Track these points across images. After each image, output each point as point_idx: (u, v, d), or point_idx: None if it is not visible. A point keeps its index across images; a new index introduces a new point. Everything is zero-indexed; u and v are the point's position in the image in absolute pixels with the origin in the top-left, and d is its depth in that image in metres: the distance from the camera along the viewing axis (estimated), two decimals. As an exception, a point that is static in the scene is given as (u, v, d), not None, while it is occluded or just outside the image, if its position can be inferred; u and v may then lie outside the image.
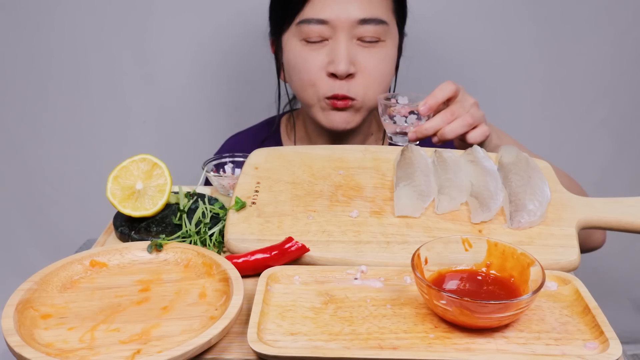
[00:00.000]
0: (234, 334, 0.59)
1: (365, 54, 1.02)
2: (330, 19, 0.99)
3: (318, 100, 1.05)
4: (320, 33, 1.01)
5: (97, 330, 0.59)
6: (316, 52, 1.02)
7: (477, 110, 0.91)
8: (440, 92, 0.91)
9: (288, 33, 1.05)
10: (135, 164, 0.80)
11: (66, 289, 0.66)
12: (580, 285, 0.64)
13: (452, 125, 0.89)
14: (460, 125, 0.89)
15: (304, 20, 1.01)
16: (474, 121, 0.89)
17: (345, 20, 0.99)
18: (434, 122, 0.89)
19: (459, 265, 0.64)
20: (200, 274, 0.68)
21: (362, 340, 0.57)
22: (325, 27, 1.00)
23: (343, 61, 1.00)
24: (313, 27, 1.01)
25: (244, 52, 1.41)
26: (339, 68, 1.00)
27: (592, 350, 0.55)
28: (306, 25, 1.01)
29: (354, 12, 0.99)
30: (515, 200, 0.75)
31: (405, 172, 0.80)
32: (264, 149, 0.90)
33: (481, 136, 0.90)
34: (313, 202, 0.79)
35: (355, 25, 1.00)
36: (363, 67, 1.02)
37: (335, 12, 0.99)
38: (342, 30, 1.00)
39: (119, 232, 0.79)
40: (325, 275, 0.67)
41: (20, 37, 1.40)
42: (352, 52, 1.01)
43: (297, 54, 1.04)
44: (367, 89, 1.04)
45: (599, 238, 1.06)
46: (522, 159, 0.82)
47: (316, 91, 1.04)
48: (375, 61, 1.03)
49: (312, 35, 1.01)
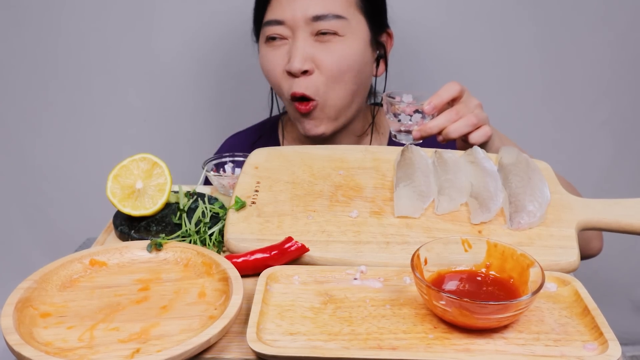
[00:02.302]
0: (233, 334, 0.59)
1: (322, 49, 1.03)
2: (286, 19, 1.02)
3: (289, 104, 1.07)
4: (279, 33, 1.03)
5: (96, 329, 0.59)
6: (276, 52, 1.05)
7: (481, 111, 0.92)
8: (445, 91, 0.91)
9: (260, 38, 1.09)
10: (135, 163, 0.81)
11: (66, 287, 0.66)
12: (580, 286, 0.64)
13: (456, 125, 0.89)
14: (465, 124, 0.89)
15: (265, 22, 1.05)
16: (478, 121, 0.89)
17: (300, 18, 1.01)
18: (438, 121, 0.89)
19: (458, 266, 0.64)
20: (199, 274, 0.68)
21: (361, 341, 0.57)
22: (283, 27, 1.03)
23: (297, 58, 1.01)
24: (272, 27, 1.04)
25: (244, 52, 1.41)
26: (292, 65, 1.01)
27: (591, 352, 0.55)
28: (268, 26, 1.05)
29: (308, 10, 1.01)
30: (515, 201, 0.75)
31: (405, 173, 0.80)
32: (264, 149, 0.90)
33: (484, 137, 0.90)
34: (313, 202, 0.79)
35: (310, 23, 1.01)
36: (320, 63, 1.03)
37: (289, 11, 1.02)
38: (298, 28, 1.02)
39: (118, 231, 0.79)
40: (325, 275, 0.67)
41: (20, 36, 1.40)
42: (309, 49, 1.02)
43: (263, 56, 1.08)
44: (326, 86, 1.03)
45: (596, 246, 1.06)
46: (522, 160, 0.82)
47: (282, 94, 1.07)
48: (334, 57, 1.02)
49: (273, 35, 1.04)
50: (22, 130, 1.48)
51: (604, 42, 1.42)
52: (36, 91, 1.44)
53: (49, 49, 1.41)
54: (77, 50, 1.41)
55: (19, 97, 1.45)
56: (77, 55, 1.42)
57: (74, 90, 1.44)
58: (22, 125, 1.47)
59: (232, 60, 1.44)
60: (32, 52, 1.41)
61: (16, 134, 1.48)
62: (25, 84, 1.44)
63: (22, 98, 1.45)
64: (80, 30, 1.40)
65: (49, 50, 1.41)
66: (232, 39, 1.42)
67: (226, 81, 1.47)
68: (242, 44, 1.37)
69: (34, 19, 1.38)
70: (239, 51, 1.42)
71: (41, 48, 1.41)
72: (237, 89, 1.47)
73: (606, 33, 1.42)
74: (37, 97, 1.45)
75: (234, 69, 1.45)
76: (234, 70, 1.45)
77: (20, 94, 1.45)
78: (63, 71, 1.43)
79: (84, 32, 1.40)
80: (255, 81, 1.41)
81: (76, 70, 1.43)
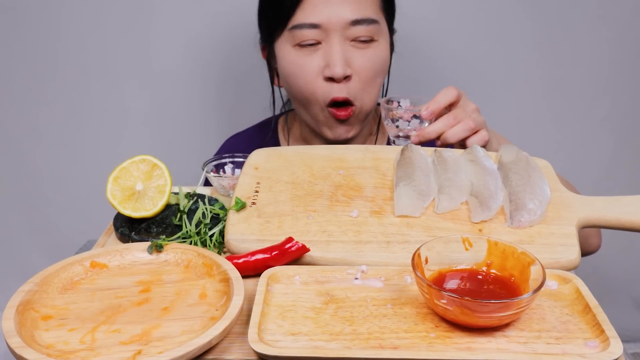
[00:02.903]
0: (235, 335, 0.59)
1: (359, 55, 1.02)
2: (322, 22, 0.99)
3: (321, 110, 1.04)
4: (313, 37, 1.00)
5: (97, 331, 0.59)
6: (310, 57, 1.02)
7: (478, 115, 0.92)
8: (442, 97, 0.91)
9: (281, 40, 1.04)
10: (135, 164, 0.81)
11: (67, 290, 0.66)
12: (581, 284, 0.64)
13: (455, 130, 0.89)
14: (463, 129, 0.89)
15: (296, 25, 1.00)
16: (475, 126, 0.90)
17: (337, 22, 0.99)
18: (436, 126, 0.90)
19: (459, 265, 0.64)
20: (200, 275, 0.68)
21: (362, 340, 0.57)
22: (318, 31, 1.00)
23: (339, 64, 0.99)
24: (305, 31, 1.00)
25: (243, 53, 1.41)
26: (335, 70, 0.99)
27: (592, 349, 0.55)
28: (298, 30, 1.00)
29: (346, 14, 0.99)
30: (515, 199, 0.75)
31: (405, 172, 0.80)
32: (263, 149, 0.90)
33: (481, 141, 0.90)
34: (313, 202, 0.79)
35: (348, 27, 1.00)
36: (358, 68, 1.02)
37: (326, 14, 0.99)
38: (334, 32, 0.99)
39: (119, 233, 0.79)
40: (326, 275, 0.67)
41: (19, 38, 1.40)
42: (347, 54, 1.01)
43: (291, 61, 1.03)
44: (363, 91, 1.03)
45: (595, 242, 1.06)
46: (522, 158, 0.82)
47: (316, 99, 1.04)
48: (370, 62, 1.02)
49: (305, 39, 1.01)
50: (21, 133, 1.48)
51: (603, 39, 1.42)
52: (36, 93, 1.44)
53: (49, 51, 1.41)
54: (76, 52, 1.41)
55: (19, 100, 1.45)
56: (77, 57, 1.42)
57: (73, 93, 1.44)
58: (22, 128, 1.47)
59: (231, 61, 1.44)
60: (31, 54, 1.41)
61: (16, 137, 1.48)
62: (24, 86, 1.44)
63: (21, 100, 1.45)
64: (80, 32, 1.40)
65: (49, 52, 1.41)
66: (231, 40, 1.42)
67: (225, 82, 1.47)
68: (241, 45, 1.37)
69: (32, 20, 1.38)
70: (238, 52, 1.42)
71: (40, 51, 1.41)
72: (236, 90, 1.47)
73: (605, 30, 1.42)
74: (36, 100, 1.45)
75: (233, 70, 1.45)
76: (233, 71, 1.45)
77: (20, 97, 1.45)
78: (63, 73, 1.43)
79: (83, 33, 1.40)
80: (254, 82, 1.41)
81: (76, 72, 1.43)
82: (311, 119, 1.08)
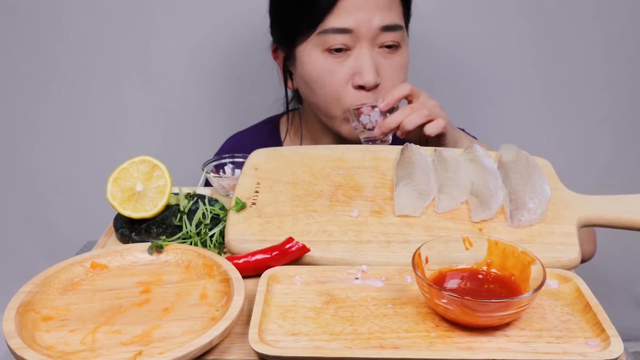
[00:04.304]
0: (235, 335, 0.59)
1: (387, 62, 1.03)
2: (354, 28, 0.99)
3: (342, 112, 1.04)
4: (343, 42, 1.00)
5: (98, 332, 0.59)
6: (340, 64, 1.01)
7: (438, 109, 0.96)
8: (397, 90, 0.97)
9: (307, 44, 1.03)
10: (135, 165, 0.80)
11: (67, 291, 0.66)
12: (581, 283, 0.64)
13: (411, 117, 0.93)
14: (418, 116, 0.93)
15: (327, 29, 1.00)
16: (430, 113, 0.93)
17: (368, 28, 0.99)
18: (395, 117, 0.95)
19: (459, 264, 0.64)
20: (201, 275, 0.68)
21: (363, 340, 0.57)
22: (348, 36, 1.00)
23: (371, 73, 1.00)
24: (336, 36, 0.99)
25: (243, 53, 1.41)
26: (367, 79, 1.00)
27: (593, 348, 0.55)
28: (330, 35, 1.00)
29: (376, 20, 0.99)
30: (515, 198, 0.75)
31: (405, 172, 0.80)
32: (263, 150, 0.90)
33: (437, 128, 0.93)
34: (313, 202, 0.79)
35: (378, 33, 1.00)
36: (387, 75, 1.03)
37: (358, 20, 0.99)
38: (365, 38, 1.00)
39: (119, 233, 0.79)
40: (326, 275, 0.67)
41: (19, 39, 1.40)
42: (376, 61, 1.01)
43: (320, 66, 1.02)
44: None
45: (588, 249, 1.06)
46: (522, 157, 0.82)
47: (340, 104, 1.04)
48: (397, 69, 1.04)
49: (335, 44, 1.00)
50: (22, 134, 1.48)
51: (603, 38, 1.42)
52: (36, 95, 1.44)
53: (49, 52, 1.41)
54: (76, 52, 1.41)
55: (18, 101, 1.45)
56: (76, 57, 1.42)
57: (73, 93, 1.44)
58: (22, 129, 1.47)
59: (231, 62, 1.44)
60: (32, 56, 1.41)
61: (16, 138, 1.48)
62: (24, 87, 1.44)
63: (21, 101, 1.45)
64: (80, 32, 1.40)
65: (48, 52, 1.41)
66: (231, 40, 1.42)
67: (225, 82, 1.47)
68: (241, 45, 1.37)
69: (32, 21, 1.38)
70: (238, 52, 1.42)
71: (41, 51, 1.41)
72: (236, 90, 1.47)
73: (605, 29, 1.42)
74: (36, 101, 1.45)
75: (233, 69, 1.45)
76: (233, 71, 1.45)
77: (19, 98, 1.45)
78: (62, 73, 1.43)
79: (83, 34, 1.40)
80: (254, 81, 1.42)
81: (75, 73, 1.43)
82: (327, 118, 1.08)
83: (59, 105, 1.45)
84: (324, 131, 1.14)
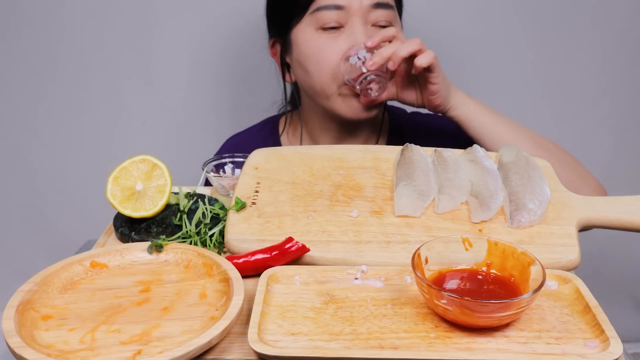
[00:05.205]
0: (235, 335, 0.59)
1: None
2: (346, 4, 1.01)
3: (338, 87, 1.05)
4: (336, 19, 1.02)
5: (97, 331, 0.59)
6: (334, 40, 1.03)
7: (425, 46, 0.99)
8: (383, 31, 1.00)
9: (301, 25, 1.05)
10: (135, 164, 0.81)
11: (67, 290, 0.66)
12: (581, 284, 0.64)
13: (403, 45, 0.96)
14: (410, 45, 0.96)
15: (320, 7, 1.02)
16: (421, 45, 0.96)
17: (360, 4, 1.01)
18: (388, 48, 0.97)
19: (459, 265, 0.64)
20: (200, 275, 0.68)
21: (362, 340, 0.57)
22: (341, 13, 1.02)
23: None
24: (329, 13, 1.02)
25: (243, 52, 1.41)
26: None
27: (592, 349, 0.55)
28: (323, 12, 1.02)
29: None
30: (515, 199, 0.75)
31: (405, 172, 0.80)
32: (263, 149, 0.90)
33: (428, 58, 0.95)
34: (313, 202, 0.79)
35: (369, 10, 1.02)
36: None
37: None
38: (357, 15, 1.02)
39: (119, 233, 0.79)
40: (326, 275, 0.67)
41: (20, 38, 1.40)
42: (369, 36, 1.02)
43: (314, 44, 1.04)
44: None
45: None
46: (522, 158, 0.82)
47: (335, 80, 1.04)
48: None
49: (328, 22, 1.02)
50: (21, 133, 1.48)
51: (603, 38, 1.42)
52: (36, 94, 1.44)
53: (49, 52, 1.41)
54: (76, 52, 1.41)
55: (18, 100, 1.45)
56: (77, 57, 1.42)
57: (73, 92, 1.44)
58: (22, 128, 1.47)
59: (231, 61, 1.44)
60: (32, 55, 1.41)
61: (15, 137, 1.48)
62: (25, 86, 1.44)
63: (22, 101, 1.45)
64: (80, 33, 1.40)
65: (49, 52, 1.41)
66: (231, 40, 1.42)
67: (225, 82, 1.47)
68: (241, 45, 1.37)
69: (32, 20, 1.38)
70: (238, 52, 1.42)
71: (41, 51, 1.41)
72: (236, 90, 1.47)
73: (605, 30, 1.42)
74: (37, 100, 1.45)
75: (234, 69, 1.45)
76: (234, 71, 1.45)
77: (20, 97, 1.45)
78: (62, 73, 1.43)
79: (83, 33, 1.40)
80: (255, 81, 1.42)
81: (75, 72, 1.43)
82: (324, 99, 1.08)
83: (59, 104, 1.45)
84: (323, 131, 1.14)
